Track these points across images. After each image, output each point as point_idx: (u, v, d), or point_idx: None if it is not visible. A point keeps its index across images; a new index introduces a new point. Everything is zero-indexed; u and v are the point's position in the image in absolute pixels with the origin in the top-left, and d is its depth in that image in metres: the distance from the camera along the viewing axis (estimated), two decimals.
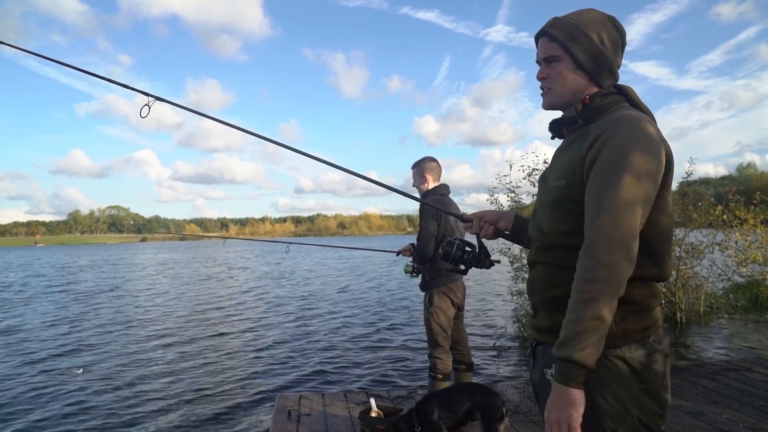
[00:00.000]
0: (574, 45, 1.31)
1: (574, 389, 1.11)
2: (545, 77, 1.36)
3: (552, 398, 1.14)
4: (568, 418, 1.11)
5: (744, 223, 8.58)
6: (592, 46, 1.30)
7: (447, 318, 3.53)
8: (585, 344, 1.09)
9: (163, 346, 7.96)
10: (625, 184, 1.14)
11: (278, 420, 3.75)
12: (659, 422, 1.23)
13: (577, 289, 1.14)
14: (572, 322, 1.12)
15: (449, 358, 3.55)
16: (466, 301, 3.78)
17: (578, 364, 1.10)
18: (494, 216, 1.71)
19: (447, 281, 3.52)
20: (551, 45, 1.33)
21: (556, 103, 1.37)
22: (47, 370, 6.77)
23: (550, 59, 1.34)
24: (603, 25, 1.33)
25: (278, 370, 6.44)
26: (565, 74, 1.33)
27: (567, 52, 1.31)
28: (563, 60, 1.32)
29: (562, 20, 1.34)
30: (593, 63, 1.31)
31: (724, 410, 3.68)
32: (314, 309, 11.51)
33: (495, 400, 2.90)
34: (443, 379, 3.49)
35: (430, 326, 3.54)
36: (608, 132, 1.20)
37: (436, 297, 3.53)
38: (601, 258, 1.11)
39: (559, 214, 1.29)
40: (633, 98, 1.32)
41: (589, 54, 1.31)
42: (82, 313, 11.77)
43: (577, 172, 1.25)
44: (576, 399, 1.11)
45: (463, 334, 3.78)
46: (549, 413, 1.14)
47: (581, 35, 1.30)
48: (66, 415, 5.02)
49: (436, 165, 3.74)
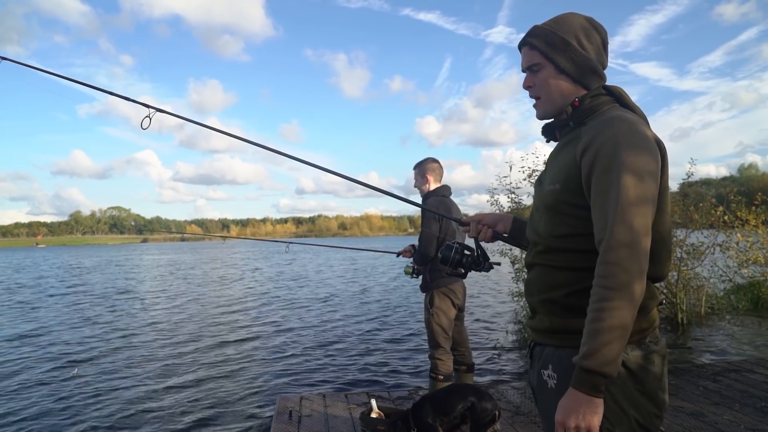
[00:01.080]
0: (554, 51, 1.32)
1: (598, 398, 1.12)
2: (531, 86, 1.39)
3: (569, 403, 1.14)
4: (589, 425, 1.11)
5: (745, 224, 8.58)
6: (571, 50, 1.32)
7: (448, 319, 3.53)
8: (612, 356, 1.10)
9: (163, 347, 7.97)
10: (627, 185, 1.14)
11: (279, 421, 3.75)
12: (656, 423, 1.23)
13: (598, 297, 1.12)
14: (597, 333, 1.10)
15: (450, 359, 3.55)
16: (467, 302, 3.79)
17: (605, 375, 1.10)
18: (492, 219, 1.71)
19: (448, 282, 3.53)
20: (532, 53, 1.36)
21: (548, 111, 1.39)
22: (49, 370, 6.78)
23: (533, 67, 1.37)
24: (582, 28, 1.34)
25: (279, 371, 6.43)
26: (549, 81, 1.35)
27: (547, 59, 1.34)
28: (545, 67, 1.35)
29: (540, 28, 1.36)
30: (575, 66, 1.33)
31: (725, 411, 3.67)
32: (315, 310, 11.50)
33: (487, 403, 2.89)
34: (444, 380, 3.49)
35: (431, 327, 3.54)
36: (601, 136, 1.20)
37: (437, 298, 3.53)
38: (619, 262, 1.11)
39: (555, 218, 1.30)
40: (623, 99, 1.33)
41: (570, 58, 1.32)
42: (97, 314, 11.78)
43: (572, 176, 1.25)
44: (599, 407, 1.12)
45: (464, 335, 3.79)
46: (565, 418, 1.13)
47: (559, 41, 1.32)
48: (66, 416, 5.02)
49: (438, 166, 3.75)
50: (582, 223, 1.24)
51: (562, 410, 1.15)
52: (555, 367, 1.29)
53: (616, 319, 1.09)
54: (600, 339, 1.09)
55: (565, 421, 1.13)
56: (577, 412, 1.12)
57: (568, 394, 1.15)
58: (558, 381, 1.27)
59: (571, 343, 1.24)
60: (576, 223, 1.25)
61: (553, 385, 1.29)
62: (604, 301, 1.11)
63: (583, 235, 1.24)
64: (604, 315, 1.10)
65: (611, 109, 1.29)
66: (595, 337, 1.10)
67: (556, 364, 1.29)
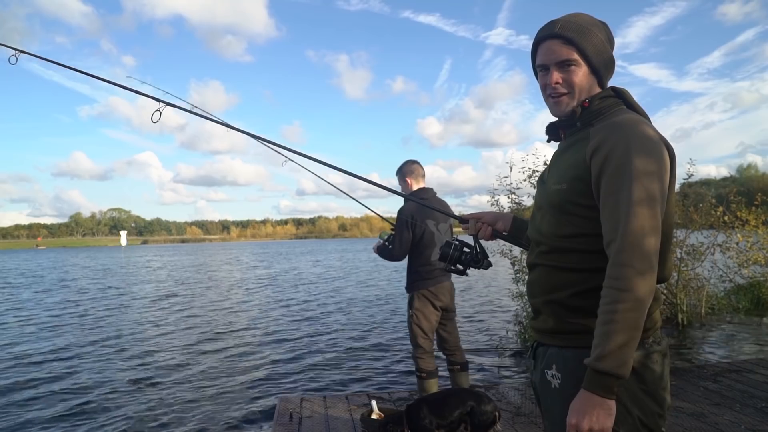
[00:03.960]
0: (593, 50, 1.29)
1: (611, 399, 1.12)
2: (560, 82, 1.31)
3: (582, 406, 1.13)
4: (603, 426, 1.11)
5: (745, 224, 8.57)
6: (601, 47, 1.30)
7: (427, 321, 3.56)
8: (625, 357, 1.10)
9: (161, 349, 7.96)
10: (637, 187, 1.14)
11: (279, 422, 3.75)
12: (660, 422, 1.24)
13: (610, 299, 1.12)
14: (609, 334, 1.10)
15: (431, 357, 3.59)
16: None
17: (618, 376, 1.10)
18: (492, 217, 1.71)
19: (428, 284, 3.55)
20: (566, 48, 1.29)
21: (571, 107, 1.32)
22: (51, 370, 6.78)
23: (567, 63, 1.29)
24: (598, 26, 1.33)
25: (279, 372, 6.43)
26: (584, 79, 1.30)
27: (584, 57, 1.29)
28: (580, 65, 1.29)
29: (571, 22, 1.29)
30: (603, 65, 1.32)
31: (726, 412, 3.67)
32: (315, 311, 11.49)
33: (486, 406, 2.89)
34: (428, 377, 3.55)
35: (410, 328, 3.62)
36: (612, 137, 1.20)
37: (416, 300, 3.58)
38: (631, 263, 1.11)
39: (560, 218, 1.29)
40: (629, 101, 1.33)
41: (601, 56, 1.31)
42: (101, 315, 11.78)
43: (580, 177, 1.25)
44: (612, 409, 1.13)
45: (454, 335, 3.77)
46: (579, 420, 1.13)
47: (597, 41, 1.29)
48: (65, 415, 5.02)
49: (417, 167, 3.74)
50: (588, 223, 1.24)
51: (574, 412, 1.14)
52: (559, 367, 1.29)
53: (628, 320, 1.10)
54: (613, 341, 1.10)
55: (579, 424, 1.13)
56: (591, 414, 1.12)
57: (580, 396, 1.15)
58: (562, 381, 1.27)
59: (575, 343, 1.24)
60: (582, 223, 1.25)
61: (557, 384, 1.29)
62: (617, 302, 1.11)
63: (589, 236, 1.24)
64: (617, 317, 1.10)
65: (620, 111, 1.29)
66: (608, 339, 1.10)
67: (560, 363, 1.29)
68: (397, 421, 2.96)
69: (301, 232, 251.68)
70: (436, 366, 3.62)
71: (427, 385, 3.54)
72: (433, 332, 3.63)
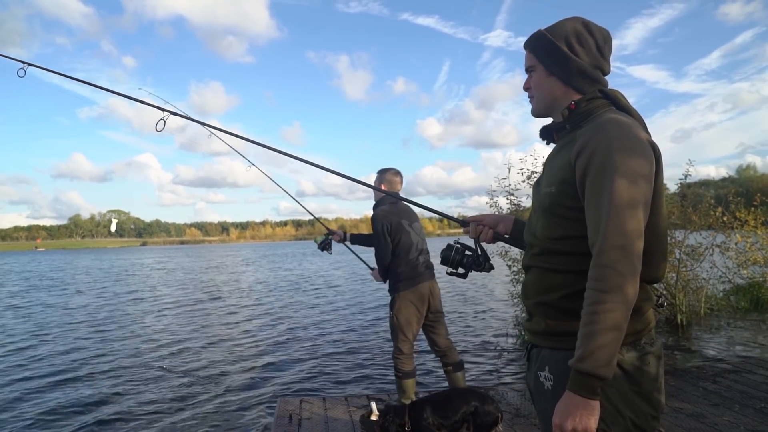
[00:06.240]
0: (543, 54, 1.39)
1: (594, 400, 1.13)
2: (528, 87, 1.47)
3: (566, 406, 1.15)
4: (586, 427, 1.13)
5: (744, 225, 8.57)
6: (559, 53, 1.36)
7: (408, 323, 3.61)
8: (607, 358, 1.11)
9: (160, 351, 7.96)
10: (619, 188, 1.15)
11: (279, 424, 3.75)
12: (652, 423, 1.24)
13: (591, 300, 1.14)
14: (591, 335, 1.11)
15: (409, 358, 3.65)
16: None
17: (600, 377, 1.11)
18: (493, 219, 1.72)
19: (408, 286, 3.61)
20: (529, 56, 1.44)
21: (539, 109, 1.46)
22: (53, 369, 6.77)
23: (529, 69, 1.45)
24: (574, 32, 1.36)
25: (279, 373, 6.43)
26: (541, 81, 1.42)
27: (539, 62, 1.41)
28: (537, 69, 1.42)
29: (536, 33, 1.43)
30: (562, 69, 1.37)
31: (725, 412, 3.67)
32: (315, 312, 11.49)
33: (489, 406, 2.90)
34: (403, 377, 3.62)
35: (391, 329, 3.69)
36: (594, 139, 1.21)
37: (398, 302, 3.64)
38: (612, 265, 1.12)
39: (551, 221, 1.31)
40: (620, 102, 1.34)
41: (556, 60, 1.37)
42: (102, 316, 11.78)
43: (566, 179, 1.26)
44: (596, 409, 1.14)
45: (442, 336, 3.79)
46: (562, 420, 1.15)
47: (549, 44, 1.38)
48: (65, 415, 5.02)
49: (397, 181, 3.81)
50: (577, 226, 1.25)
51: (559, 413, 1.16)
52: (551, 369, 1.30)
53: (609, 321, 1.10)
54: (594, 341, 1.11)
55: (562, 424, 1.15)
56: (574, 415, 1.13)
57: (564, 396, 1.16)
58: (554, 383, 1.28)
59: (567, 345, 1.24)
60: (571, 226, 1.26)
61: (549, 386, 1.30)
62: (598, 303, 1.12)
63: (578, 238, 1.25)
64: (598, 318, 1.11)
65: (606, 113, 1.30)
66: (589, 340, 1.11)
67: (553, 365, 1.30)
68: (398, 412, 2.97)
69: (300, 234, 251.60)
70: (415, 367, 3.69)
71: (404, 385, 3.62)
72: (415, 334, 3.68)
